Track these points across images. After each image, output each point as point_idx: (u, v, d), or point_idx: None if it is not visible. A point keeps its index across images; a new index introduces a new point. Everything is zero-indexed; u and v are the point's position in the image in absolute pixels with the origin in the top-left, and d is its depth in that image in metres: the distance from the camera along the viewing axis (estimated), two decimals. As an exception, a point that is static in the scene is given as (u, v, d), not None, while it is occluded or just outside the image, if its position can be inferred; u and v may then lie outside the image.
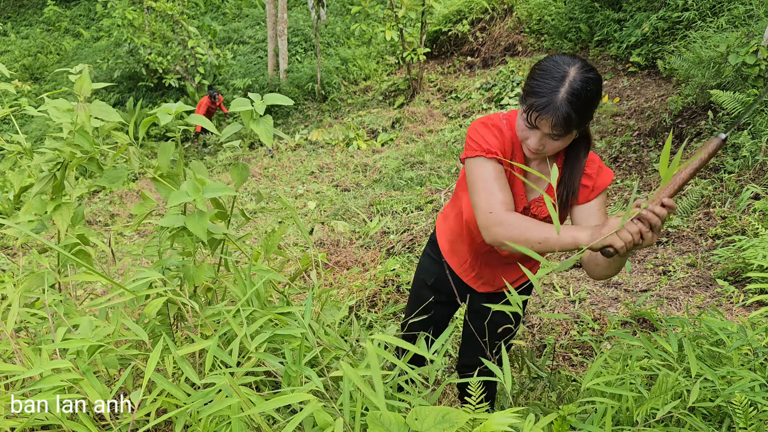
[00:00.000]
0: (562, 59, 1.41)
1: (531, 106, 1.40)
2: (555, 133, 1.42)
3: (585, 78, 1.37)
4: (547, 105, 1.37)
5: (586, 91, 1.37)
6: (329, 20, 13.38)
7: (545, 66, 1.41)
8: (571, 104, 1.36)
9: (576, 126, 1.41)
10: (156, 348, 1.06)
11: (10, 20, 17.98)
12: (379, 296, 3.85)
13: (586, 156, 1.59)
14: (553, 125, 1.39)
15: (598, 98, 1.42)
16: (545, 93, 1.38)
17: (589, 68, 1.41)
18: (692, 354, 1.39)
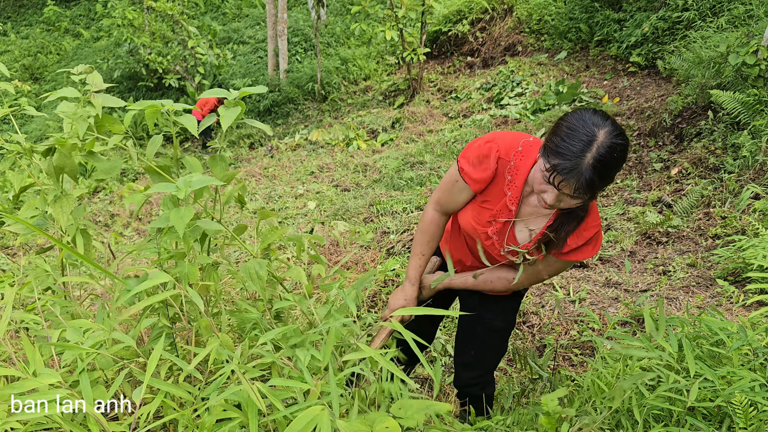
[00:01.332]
0: (591, 119, 1.33)
1: (555, 167, 1.33)
2: (576, 196, 1.37)
3: (613, 144, 1.30)
4: (572, 170, 1.31)
5: (612, 158, 1.30)
6: (329, 20, 13.38)
7: (573, 125, 1.33)
8: (596, 170, 1.30)
9: (599, 190, 1.36)
10: (157, 348, 1.06)
11: (10, 20, 17.98)
12: (379, 296, 3.85)
13: (584, 213, 1.55)
14: (575, 189, 1.34)
15: (622, 163, 1.36)
16: (571, 156, 1.31)
17: (618, 132, 1.33)
18: (690, 354, 1.39)
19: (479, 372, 2.07)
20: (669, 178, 4.90)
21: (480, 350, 2.04)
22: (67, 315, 1.49)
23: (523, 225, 1.66)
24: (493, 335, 1.99)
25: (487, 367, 2.07)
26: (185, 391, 1.16)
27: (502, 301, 1.93)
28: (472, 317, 2.01)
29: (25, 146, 1.43)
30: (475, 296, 1.97)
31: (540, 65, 9.16)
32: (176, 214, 1.19)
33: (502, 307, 1.94)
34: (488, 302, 1.95)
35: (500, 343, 2.02)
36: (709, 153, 4.87)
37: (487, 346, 2.02)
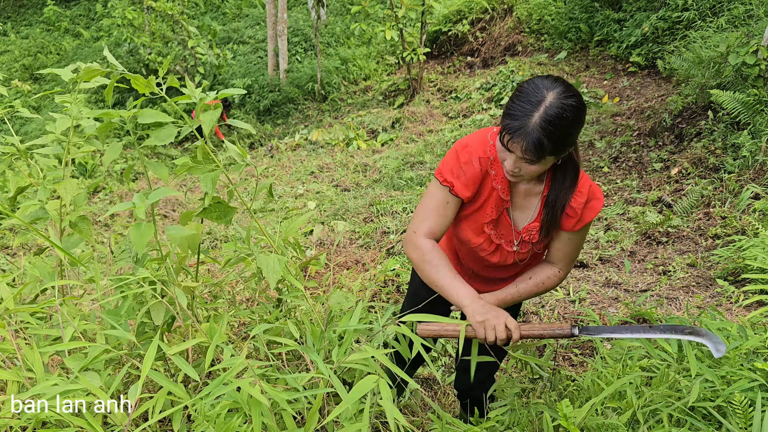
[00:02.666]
0: (543, 82, 1.37)
1: (504, 127, 1.38)
2: (527, 158, 1.39)
3: (562, 105, 1.33)
4: (519, 129, 1.35)
5: (561, 119, 1.32)
6: (329, 20, 13.38)
7: (524, 88, 1.38)
8: (543, 130, 1.32)
9: (550, 153, 1.37)
10: (152, 346, 1.06)
11: (10, 20, 17.97)
12: (379, 296, 3.85)
13: (573, 184, 1.54)
14: (524, 150, 1.37)
15: (576, 125, 1.37)
16: (519, 116, 1.35)
17: (570, 94, 1.35)
18: (691, 354, 1.39)
19: (480, 376, 2.07)
20: (669, 178, 4.90)
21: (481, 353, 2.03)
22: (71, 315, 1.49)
23: (519, 213, 1.66)
24: None
25: (487, 372, 2.07)
26: (181, 387, 1.16)
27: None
28: None
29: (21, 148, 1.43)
30: None
31: (540, 65, 9.16)
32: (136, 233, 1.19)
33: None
34: None
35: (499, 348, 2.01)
36: (709, 153, 4.87)
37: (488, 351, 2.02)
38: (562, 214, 1.58)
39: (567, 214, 1.58)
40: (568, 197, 1.55)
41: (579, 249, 1.70)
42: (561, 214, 1.57)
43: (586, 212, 1.59)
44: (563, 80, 1.39)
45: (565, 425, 1.27)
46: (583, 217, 1.59)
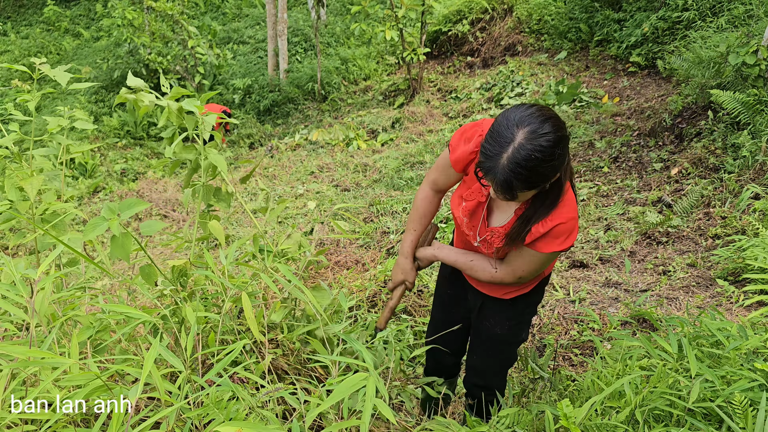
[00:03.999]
0: (516, 117, 1.33)
1: (478, 164, 1.40)
2: (500, 196, 1.41)
3: (532, 146, 1.29)
4: (489, 169, 1.35)
5: (529, 160, 1.29)
6: (329, 20, 13.38)
7: (498, 124, 1.35)
8: (512, 172, 1.31)
9: (524, 189, 1.36)
10: (152, 347, 1.07)
11: (10, 20, 17.97)
12: (379, 296, 3.85)
13: (549, 208, 1.52)
14: (494, 188, 1.38)
15: (548, 163, 1.33)
16: (490, 156, 1.34)
17: (543, 132, 1.30)
18: (692, 354, 1.39)
19: (482, 377, 2.07)
20: (669, 178, 4.90)
21: (483, 356, 2.04)
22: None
23: (498, 212, 1.68)
24: (495, 343, 1.97)
25: (489, 374, 2.05)
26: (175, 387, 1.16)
27: (497, 308, 1.92)
28: (478, 323, 2.01)
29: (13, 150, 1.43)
30: (479, 300, 1.97)
31: (540, 65, 9.16)
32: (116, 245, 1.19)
33: (498, 314, 1.92)
34: (486, 308, 1.95)
35: (503, 351, 1.99)
36: (709, 153, 4.87)
37: (489, 352, 2.01)
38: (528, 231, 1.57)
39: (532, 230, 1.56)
40: (540, 219, 1.53)
41: (525, 268, 1.65)
42: (527, 231, 1.56)
43: (542, 242, 1.56)
44: (540, 112, 1.34)
45: (566, 425, 1.27)
46: (538, 245, 1.57)
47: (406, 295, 3.74)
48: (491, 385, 2.07)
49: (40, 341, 1.34)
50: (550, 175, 1.37)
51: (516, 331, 1.95)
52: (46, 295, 1.24)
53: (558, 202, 1.51)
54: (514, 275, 1.70)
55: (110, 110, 12.10)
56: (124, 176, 9.42)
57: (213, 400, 1.12)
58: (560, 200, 1.52)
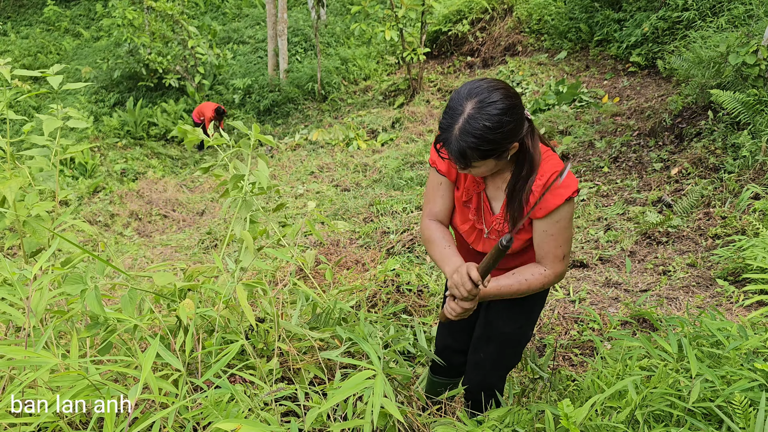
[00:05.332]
0: (466, 90, 1.40)
1: (436, 138, 1.48)
2: (458, 166, 1.47)
3: (479, 116, 1.36)
4: (445, 141, 1.43)
5: (478, 128, 1.36)
6: (329, 20, 13.38)
7: (450, 100, 1.43)
8: (463, 141, 1.38)
9: (480, 158, 1.41)
10: (151, 347, 1.06)
11: (10, 20, 17.97)
12: (379, 296, 3.84)
13: (530, 171, 1.53)
14: (452, 158, 1.45)
15: (498, 131, 1.37)
16: (444, 128, 1.42)
17: (490, 102, 1.36)
18: (692, 354, 1.39)
19: (483, 376, 2.06)
20: (669, 178, 4.90)
21: (488, 354, 2.03)
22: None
23: (494, 201, 1.70)
24: (502, 341, 1.96)
25: (491, 374, 2.04)
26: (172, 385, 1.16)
27: (507, 307, 1.91)
28: (486, 320, 2.00)
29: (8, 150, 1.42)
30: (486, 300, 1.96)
31: (540, 65, 9.16)
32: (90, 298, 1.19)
33: (507, 314, 1.91)
34: (496, 307, 1.94)
35: (509, 349, 1.99)
36: (709, 153, 4.87)
37: (497, 351, 2.00)
38: (524, 202, 1.56)
39: (529, 199, 1.56)
40: (526, 184, 1.54)
41: (560, 243, 1.59)
42: (521, 202, 1.56)
43: (549, 197, 1.52)
44: (488, 84, 1.40)
45: (566, 425, 1.27)
46: (546, 203, 1.53)
47: (406, 293, 3.74)
48: (491, 384, 2.06)
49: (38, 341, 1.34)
50: (502, 142, 1.41)
51: (525, 331, 1.95)
52: (44, 295, 1.24)
53: (539, 163, 1.54)
54: (558, 259, 1.62)
55: (110, 110, 12.10)
56: (124, 176, 9.42)
57: (212, 401, 1.12)
58: (541, 161, 1.55)
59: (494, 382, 2.06)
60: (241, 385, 1.42)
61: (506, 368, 2.06)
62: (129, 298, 1.26)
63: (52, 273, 1.32)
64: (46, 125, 1.51)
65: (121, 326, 1.41)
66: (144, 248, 6.05)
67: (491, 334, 1.98)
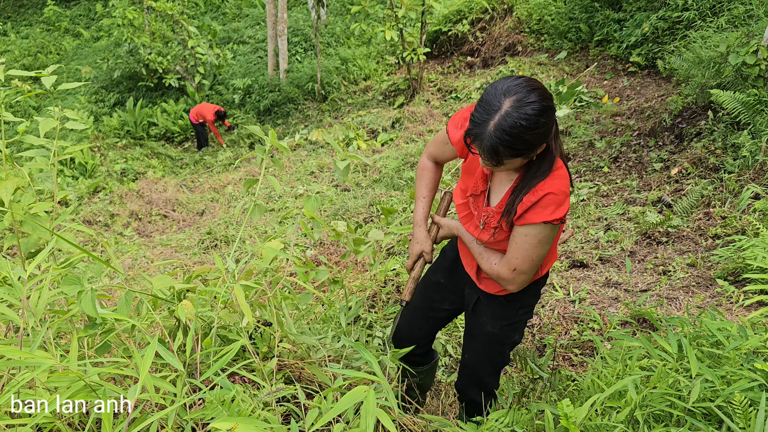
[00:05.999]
0: (504, 87, 1.39)
1: (466, 131, 1.46)
2: (485, 160, 1.46)
3: (517, 114, 1.35)
4: (477, 135, 1.41)
5: (514, 127, 1.35)
6: (329, 20, 13.38)
7: (487, 93, 1.42)
8: (498, 138, 1.37)
9: (510, 157, 1.41)
10: (150, 347, 1.06)
11: (10, 20, 17.97)
12: (379, 296, 3.85)
13: (540, 179, 1.54)
14: (482, 154, 1.44)
15: (533, 131, 1.38)
16: (478, 123, 1.41)
17: (530, 101, 1.36)
18: (692, 354, 1.39)
19: (473, 376, 2.06)
20: (669, 178, 4.90)
21: (474, 354, 2.03)
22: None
23: (494, 195, 1.71)
24: (487, 342, 1.96)
25: (481, 374, 2.04)
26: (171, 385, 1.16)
27: (493, 305, 1.92)
28: (472, 320, 2.00)
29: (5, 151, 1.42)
30: (474, 296, 1.96)
31: (540, 65, 9.16)
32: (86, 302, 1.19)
33: (492, 312, 1.92)
34: (481, 304, 1.95)
35: (494, 350, 1.98)
36: (709, 153, 4.87)
37: (481, 351, 2.00)
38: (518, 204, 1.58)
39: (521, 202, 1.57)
40: (530, 188, 1.55)
41: (518, 255, 1.62)
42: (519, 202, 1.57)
43: (532, 211, 1.55)
44: (527, 83, 1.40)
45: (566, 425, 1.27)
46: (528, 214, 1.55)
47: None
48: (483, 385, 2.06)
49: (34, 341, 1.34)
50: (535, 143, 1.41)
51: (508, 332, 1.94)
52: (43, 295, 1.24)
53: (548, 174, 1.54)
54: (509, 267, 1.65)
55: (110, 110, 12.10)
56: (124, 176, 9.42)
57: (217, 399, 1.12)
58: (551, 173, 1.54)
59: (485, 384, 2.05)
60: (241, 385, 1.42)
61: (493, 367, 2.04)
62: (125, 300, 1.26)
63: (51, 273, 1.32)
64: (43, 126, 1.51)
65: (119, 326, 1.41)
66: (144, 248, 6.05)
67: (476, 333, 2.00)
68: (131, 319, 1.28)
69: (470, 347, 2.03)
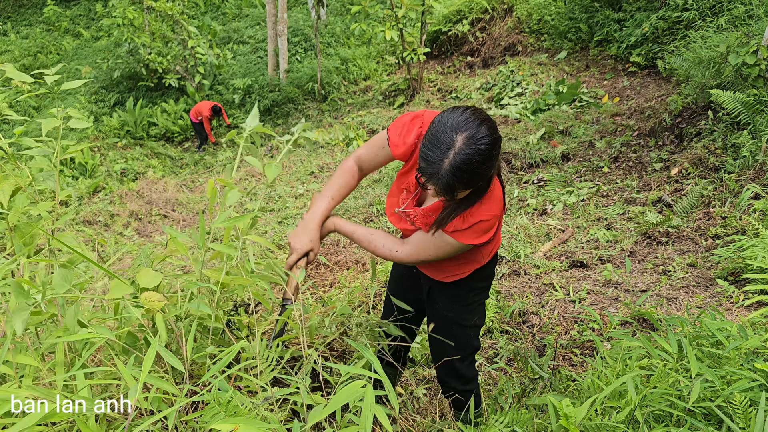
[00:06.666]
0: (453, 122, 1.40)
1: (419, 170, 1.46)
2: (441, 197, 1.48)
3: (470, 150, 1.37)
4: (431, 174, 1.42)
5: (469, 164, 1.38)
6: (329, 20, 13.38)
7: (436, 130, 1.42)
8: (453, 176, 1.40)
9: (464, 189, 1.45)
10: (152, 347, 1.06)
11: (10, 20, 17.97)
12: (380, 297, 3.85)
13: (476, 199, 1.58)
14: (437, 191, 1.46)
15: (486, 165, 1.41)
16: (431, 162, 1.41)
17: (480, 136, 1.38)
18: (692, 354, 1.39)
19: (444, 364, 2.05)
20: (669, 178, 4.90)
21: (438, 340, 2.02)
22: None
23: (429, 199, 1.74)
24: (447, 325, 1.99)
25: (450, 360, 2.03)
26: (173, 385, 1.16)
27: (443, 291, 1.95)
28: (430, 306, 2.02)
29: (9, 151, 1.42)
30: (427, 284, 1.99)
31: (540, 65, 9.16)
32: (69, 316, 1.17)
33: (445, 295, 1.95)
34: (434, 291, 1.99)
35: (457, 333, 1.99)
36: (709, 153, 4.87)
37: (443, 335, 2.01)
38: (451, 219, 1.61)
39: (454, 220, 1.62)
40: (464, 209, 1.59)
41: (431, 252, 1.71)
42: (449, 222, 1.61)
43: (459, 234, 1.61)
44: (474, 115, 1.41)
45: (566, 425, 1.27)
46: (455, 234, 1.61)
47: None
48: (458, 375, 2.05)
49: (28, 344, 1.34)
50: (486, 174, 1.46)
51: (464, 314, 1.97)
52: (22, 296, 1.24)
53: (482, 198, 1.58)
54: (417, 258, 1.74)
55: (110, 110, 12.11)
56: (124, 176, 9.42)
57: (216, 400, 1.12)
58: (485, 196, 1.59)
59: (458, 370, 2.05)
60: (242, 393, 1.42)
61: (461, 351, 2.03)
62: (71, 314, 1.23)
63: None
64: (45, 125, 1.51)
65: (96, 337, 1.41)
66: (144, 248, 6.05)
67: (436, 319, 2.03)
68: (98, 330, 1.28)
69: (434, 333, 2.05)
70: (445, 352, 2.05)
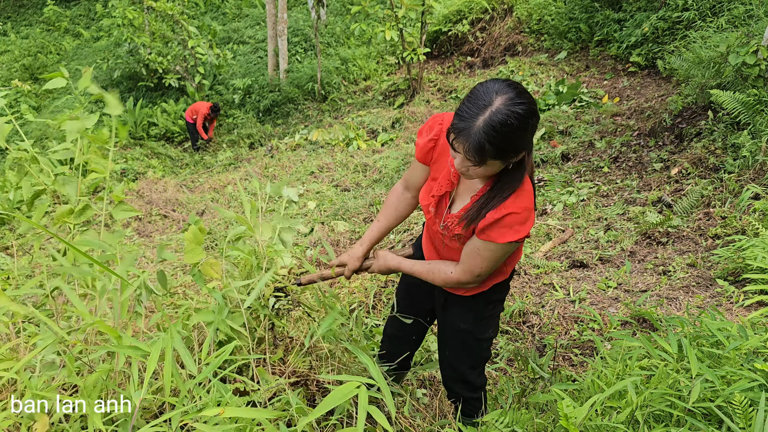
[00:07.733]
0: (495, 86, 1.37)
1: (451, 126, 1.40)
2: (469, 160, 1.41)
3: (509, 111, 1.33)
4: (463, 130, 1.37)
5: (505, 125, 1.33)
6: (329, 20, 13.38)
7: (476, 90, 1.39)
8: (486, 134, 1.34)
9: (493, 156, 1.38)
10: (155, 348, 1.06)
11: (10, 20, 17.97)
12: (380, 297, 3.85)
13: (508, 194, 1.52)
14: (466, 151, 1.39)
15: (521, 133, 1.36)
16: (465, 117, 1.36)
17: (520, 101, 1.34)
18: (692, 354, 1.39)
19: (454, 369, 2.06)
20: (669, 178, 4.90)
21: (450, 350, 2.04)
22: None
23: (458, 201, 1.71)
24: (460, 337, 1.98)
25: (461, 368, 2.04)
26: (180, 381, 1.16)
27: (459, 303, 1.94)
28: (443, 317, 2.02)
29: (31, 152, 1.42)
30: (443, 296, 1.98)
31: (540, 65, 9.17)
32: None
33: (460, 309, 1.94)
34: (450, 303, 1.98)
35: (470, 345, 1.99)
36: (709, 153, 4.87)
37: (456, 346, 2.02)
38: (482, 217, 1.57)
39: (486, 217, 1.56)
40: (495, 205, 1.53)
41: (481, 265, 1.66)
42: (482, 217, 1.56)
43: (495, 231, 1.55)
44: (517, 86, 1.38)
45: (566, 425, 1.27)
46: (491, 231, 1.56)
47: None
48: (466, 381, 2.06)
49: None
50: (519, 146, 1.40)
51: (479, 327, 1.95)
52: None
53: (514, 192, 1.53)
54: (472, 274, 1.70)
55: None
56: (124, 176, 9.42)
57: (213, 401, 1.12)
58: (517, 190, 1.53)
59: (468, 378, 2.05)
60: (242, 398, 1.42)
61: (472, 362, 2.04)
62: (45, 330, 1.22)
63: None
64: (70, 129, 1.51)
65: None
66: (144, 248, 6.05)
67: (449, 330, 2.02)
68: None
69: (446, 343, 2.05)
70: (454, 360, 2.06)
